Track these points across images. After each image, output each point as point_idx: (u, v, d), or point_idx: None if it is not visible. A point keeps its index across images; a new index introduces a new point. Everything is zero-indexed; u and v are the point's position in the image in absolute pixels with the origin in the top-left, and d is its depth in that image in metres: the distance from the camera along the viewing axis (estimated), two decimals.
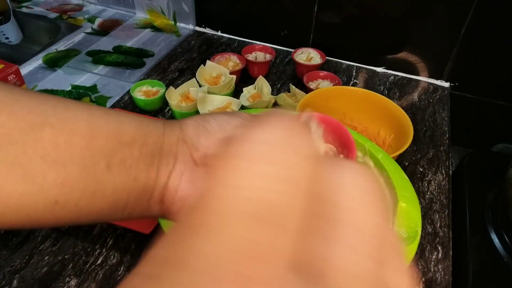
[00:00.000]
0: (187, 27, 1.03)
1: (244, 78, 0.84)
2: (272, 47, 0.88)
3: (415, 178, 0.66)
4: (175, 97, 0.74)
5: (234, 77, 0.77)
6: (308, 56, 0.86)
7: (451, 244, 0.57)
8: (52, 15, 1.07)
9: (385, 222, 0.12)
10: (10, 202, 0.22)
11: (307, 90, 0.74)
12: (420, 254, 0.55)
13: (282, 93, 0.75)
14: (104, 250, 0.53)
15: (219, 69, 0.80)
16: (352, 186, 0.12)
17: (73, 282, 0.49)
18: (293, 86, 0.76)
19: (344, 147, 0.33)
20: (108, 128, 0.25)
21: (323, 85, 0.78)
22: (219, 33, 1.01)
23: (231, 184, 0.12)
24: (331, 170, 0.12)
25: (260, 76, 0.78)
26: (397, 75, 0.89)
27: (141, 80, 0.83)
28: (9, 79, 0.61)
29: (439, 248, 0.56)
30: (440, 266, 0.53)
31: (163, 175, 0.27)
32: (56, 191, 0.23)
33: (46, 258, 0.52)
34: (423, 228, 0.58)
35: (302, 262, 0.11)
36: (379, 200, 0.12)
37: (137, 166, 0.26)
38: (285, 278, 0.10)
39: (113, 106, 0.77)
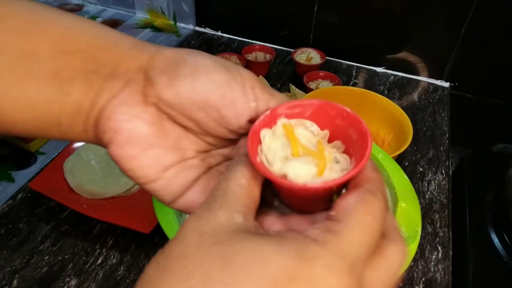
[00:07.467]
0: (187, 27, 1.03)
1: None
2: (272, 47, 0.88)
3: (415, 178, 0.66)
4: None
5: None
6: (308, 56, 0.86)
7: (451, 244, 0.57)
8: None
9: None
10: None
11: (307, 90, 0.74)
12: (420, 254, 0.55)
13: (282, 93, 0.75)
14: (104, 250, 0.53)
15: None
16: None
17: (73, 282, 0.49)
18: (293, 86, 0.76)
19: (357, 136, 0.22)
20: (49, 32, 0.23)
21: (323, 85, 0.78)
22: (219, 33, 1.01)
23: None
24: None
25: (260, 76, 0.78)
26: (397, 75, 0.89)
27: None
28: None
29: (439, 248, 0.56)
30: (440, 266, 0.54)
31: (101, 98, 0.23)
32: None
33: (46, 258, 0.52)
34: (423, 228, 0.58)
35: None
36: None
37: (74, 81, 0.23)
38: None
39: None
